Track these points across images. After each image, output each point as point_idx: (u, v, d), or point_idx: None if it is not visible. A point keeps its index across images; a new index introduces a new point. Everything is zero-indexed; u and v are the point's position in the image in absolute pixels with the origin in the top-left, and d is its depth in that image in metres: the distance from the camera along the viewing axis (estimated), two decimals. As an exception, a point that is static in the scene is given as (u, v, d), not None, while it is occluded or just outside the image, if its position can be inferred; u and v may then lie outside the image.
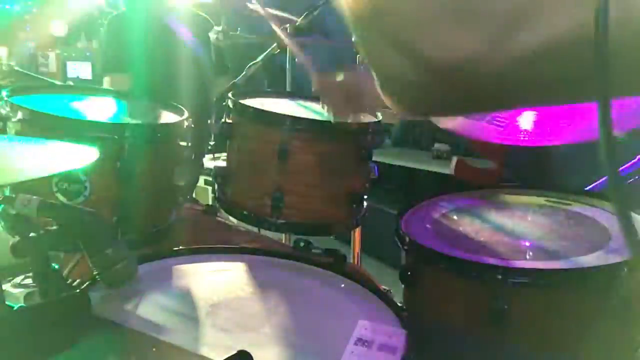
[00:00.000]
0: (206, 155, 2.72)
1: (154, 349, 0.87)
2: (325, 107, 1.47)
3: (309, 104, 1.77)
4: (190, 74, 2.54)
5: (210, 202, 2.66)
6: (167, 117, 1.62)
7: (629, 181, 1.63)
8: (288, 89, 2.47)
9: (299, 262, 1.37)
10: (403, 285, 1.39)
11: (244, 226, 1.77)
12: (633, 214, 1.44)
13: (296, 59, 2.36)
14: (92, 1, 6.13)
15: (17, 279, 1.56)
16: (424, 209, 1.59)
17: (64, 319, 0.93)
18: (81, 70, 6.58)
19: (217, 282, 1.25)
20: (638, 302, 1.18)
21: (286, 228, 1.60)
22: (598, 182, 1.69)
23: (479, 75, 0.51)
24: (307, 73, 1.53)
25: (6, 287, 1.47)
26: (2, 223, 1.17)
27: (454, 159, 3.82)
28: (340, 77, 1.41)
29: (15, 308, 0.97)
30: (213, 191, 2.13)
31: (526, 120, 1.42)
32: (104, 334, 0.92)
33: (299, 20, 2.27)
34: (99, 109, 1.68)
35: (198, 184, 3.09)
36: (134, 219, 1.40)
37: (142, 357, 0.86)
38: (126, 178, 1.36)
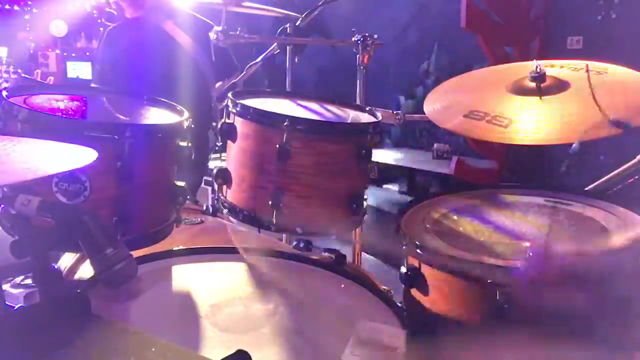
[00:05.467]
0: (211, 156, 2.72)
1: (153, 349, 0.87)
2: None
3: (309, 104, 1.77)
4: (189, 77, 2.55)
5: (210, 202, 2.66)
6: (167, 117, 1.62)
7: (629, 181, 1.63)
8: (288, 89, 2.47)
9: (299, 262, 1.37)
10: (403, 285, 1.40)
11: (244, 226, 1.77)
12: (633, 214, 1.44)
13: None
14: (92, 1, 6.13)
15: (17, 279, 1.56)
16: (424, 209, 1.59)
17: (64, 319, 0.93)
18: (81, 70, 6.58)
19: (217, 282, 1.25)
20: (638, 302, 1.18)
21: (286, 228, 1.60)
22: (598, 182, 1.69)
23: None
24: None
25: (6, 287, 1.47)
26: (2, 223, 1.17)
27: (454, 159, 3.82)
28: None
29: (15, 308, 0.97)
30: (213, 191, 2.13)
31: (526, 120, 1.42)
32: (104, 334, 0.92)
33: (299, 20, 2.27)
34: (99, 108, 1.68)
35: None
36: (134, 219, 1.40)
37: (142, 357, 0.86)
38: (126, 178, 1.36)
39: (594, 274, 1.18)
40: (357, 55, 2.15)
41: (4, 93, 1.41)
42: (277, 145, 1.44)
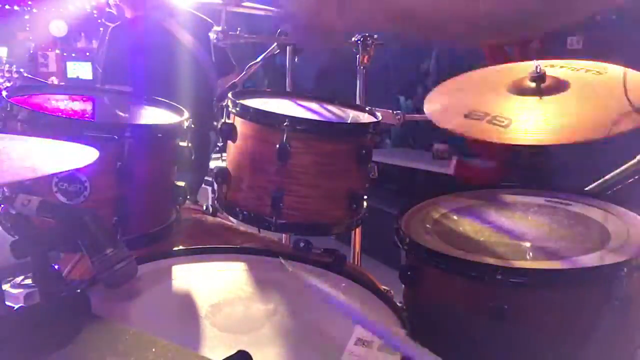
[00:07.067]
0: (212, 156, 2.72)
1: (153, 349, 0.87)
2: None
3: (309, 104, 1.77)
4: (192, 76, 2.55)
5: (210, 202, 2.66)
6: (167, 117, 1.62)
7: (629, 181, 1.63)
8: (288, 89, 2.47)
9: (299, 262, 1.37)
10: (403, 285, 1.40)
11: (244, 226, 1.77)
12: (633, 214, 1.44)
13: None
14: (91, 1, 6.13)
15: (17, 279, 1.56)
16: (424, 209, 1.59)
17: (64, 319, 0.93)
18: (81, 70, 6.58)
19: (217, 282, 1.25)
20: (638, 302, 1.18)
21: (286, 228, 1.60)
22: (598, 182, 1.69)
23: None
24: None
25: (6, 287, 1.47)
26: (2, 223, 1.17)
27: (454, 159, 3.82)
28: None
29: (15, 308, 0.97)
30: (213, 191, 2.13)
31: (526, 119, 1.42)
32: (104, 334, 0.92)
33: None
34: (99, 109, 1.68)
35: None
36: (134, 219, 1.40)
37: (142, 357, 0.86)
38: (126, 178, 1.36)
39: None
40: (357, 55, 2.15)
41: (4, 93, 1.41)
42: (277, 145, 1.44)
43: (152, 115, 1.65)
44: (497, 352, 1.19)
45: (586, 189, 1.68)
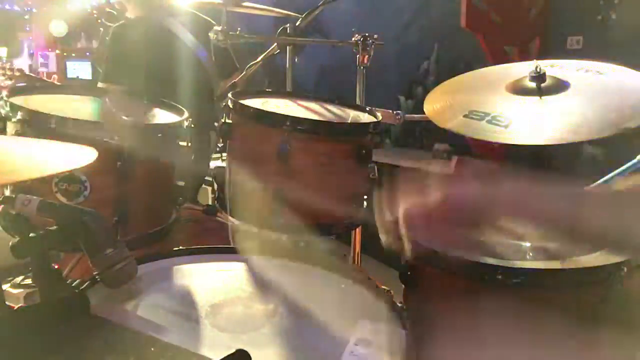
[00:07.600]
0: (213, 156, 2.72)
1: (153, 349, 0.87)
2: None
3: (309, 104, 1.77)
4: (192, 76, 2.55)
5: (210, 202, 2.66)
6: (167, 117, 1.62)
7: (629, 181, 1.63)
8: (288, 89, 2.47)
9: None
10: (403, 285, 1.39)
11: (244, 226, 1.77)
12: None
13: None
14: (91, 1, 6.13)
15: (17, 279, 1.56)
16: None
17: (64, 319, 0.93)
18: (81, 70, 6.58)
19: (217, 282, 1.25)
20: (638, 302, 1.18)
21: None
22: (598, 182, 1.69)
23: None
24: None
25: (6, 287, 1.47)
26: (2, 223, 1.17)
27: (454, 159, 3.81)
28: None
29: (15, 308, 0.97)
30: (213, 191, 2.13)
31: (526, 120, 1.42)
32: (103, 334, 0.92)
33: (299, 20, 2.27)
34: (99, 108, 1.68)
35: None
36: (134, 219, 1.40)
37: (142, 357, 0.86)
38: (126, 178, 1.36)
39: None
40: (357, 55, 2.15)
41: (4, 93, 1.41)
42: (277, 145, 1.44)
43: (152, 115, 1.65)
44: (497, 352, 1.19)
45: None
